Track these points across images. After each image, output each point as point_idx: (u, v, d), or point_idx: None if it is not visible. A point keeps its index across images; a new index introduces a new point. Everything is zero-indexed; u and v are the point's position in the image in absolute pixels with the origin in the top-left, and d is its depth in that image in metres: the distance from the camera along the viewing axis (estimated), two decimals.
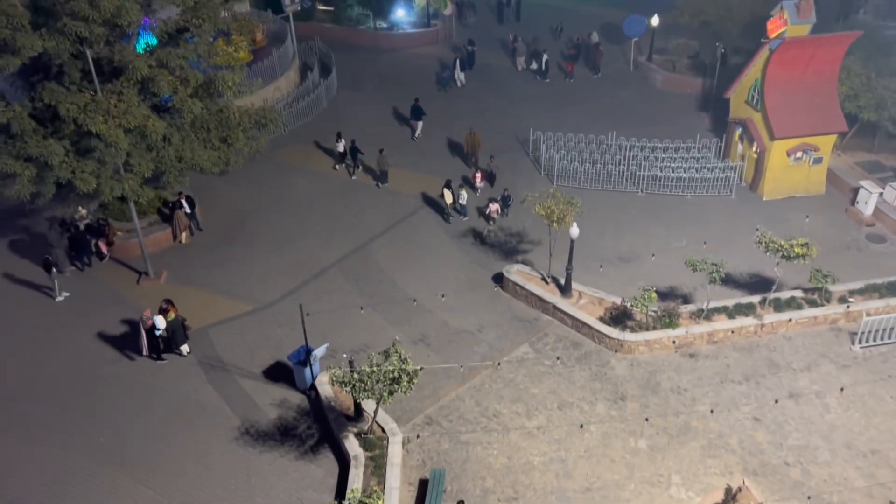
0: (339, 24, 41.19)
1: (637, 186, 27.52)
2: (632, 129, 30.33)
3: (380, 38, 40.61)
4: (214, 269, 24.10)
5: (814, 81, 25.93)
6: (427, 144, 30.97)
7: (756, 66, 26.55)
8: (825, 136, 26.50)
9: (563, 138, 29.47)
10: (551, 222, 21.04)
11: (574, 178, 27.75)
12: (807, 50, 25.38)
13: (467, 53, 37.10)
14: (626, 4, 41.05)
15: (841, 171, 28.09)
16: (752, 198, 27.43)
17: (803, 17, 25.57)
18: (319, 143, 31.23)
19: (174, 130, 22.28)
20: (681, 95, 34.44)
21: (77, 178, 20.17)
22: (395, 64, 38.31)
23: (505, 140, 31.06)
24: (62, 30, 19.94)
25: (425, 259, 24.51)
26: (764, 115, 26.32)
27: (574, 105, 33.99)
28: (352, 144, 28.71)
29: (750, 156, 27.65)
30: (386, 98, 34.81)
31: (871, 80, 27.11)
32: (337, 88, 35.63)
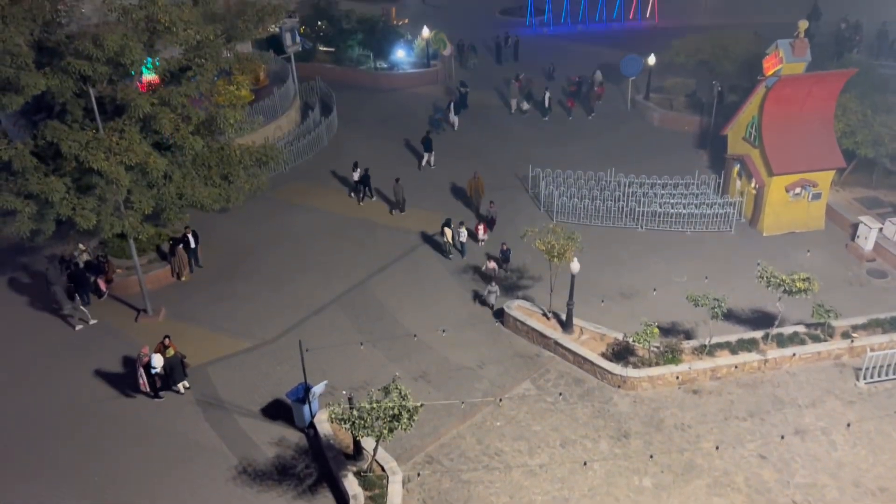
0: (340, 65, 41.72)
1: (637, 222, 27.56)
2: (630, 165, 30.50)
3: (380, 78, 41.11)
4: (213, 306, 23.97)
5: (811, 118, 26.16)
6: (426, 182, 31.09)
7: (753, 104, 26.81)
8: (823, 172, 26.63)
9: (563, 175, 29.61)
10: (552, 257, 21.00)
11: (574, 215, 27.80)
12: (803, 87, 25.66)
13: (460, 95, 37.18)
14: (622, 44, 41.80)
15: (840, 206, 28.17)
16: (751, 233, 27.45)
17: (798, 56, 25.89)
18: (320, 179, 31.41)
19: (175, 167, 22.40)
20: (678, 133, 34.72)
21: (77, 214, 20.18)
22: (396, 103, 38.70)
23: (504, 177, 31.22)
24: (66, 68, 20.16)
25: (425, 295, 24.41)
26: (762, 152, 26.49)
27: (572, 142, 34.24)
28: (365, 173, 29.62)
29: (749, 192, 27.76)
30: (386, 136, 35.10)
31: (868, 117, 27.35)
32: (338, 127, 35.95)
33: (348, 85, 40.17)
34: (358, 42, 41.13)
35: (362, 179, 29.65)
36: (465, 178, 30.83)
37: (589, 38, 47.30)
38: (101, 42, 19.45)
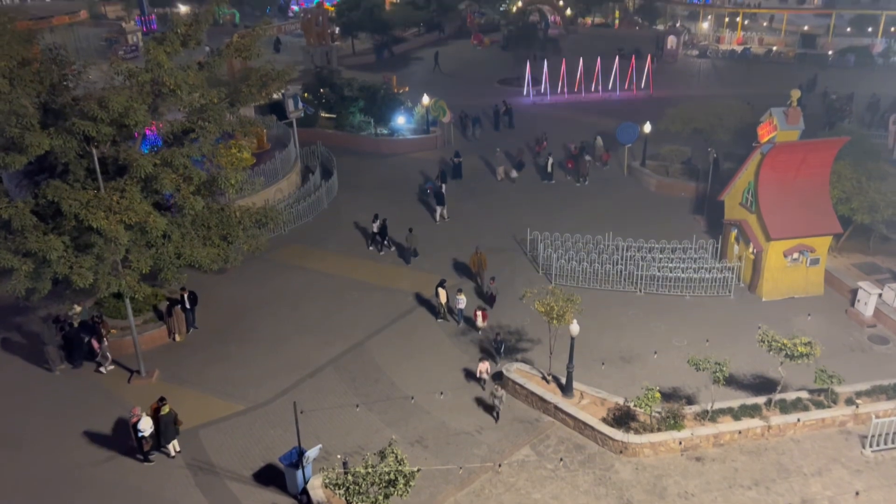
0: (341, 130, 42.47)
1: (635, 286, 27.50)
2: (628, 230, 30.66)
3: (381, 144, 41.75)
4: (207, 368, 23.62)
5: (806, 184, 26.44)
6: (424, 244, 31.15)
7: (749, 170, 27.15)
8: (821, 238, 26.72)
9: (561, 238, 29.71)
10: (551, 319, 20.83)
11: (572, 278, 27.76)
12: (798, 154, 26.03)
13: (454, 165, 37.33)
14: (618, 114, 42.65)
15: (838, 272, 28.17)
16: (751, 298, 27.36)
17: (792, 124, 26.37)
18: (319, 241, 31.51)
19: (175, 227, 22.44)
20: (675, 199, 35.05)
21: (74, 273, 20.08)
22: (396, 168, 39.18)
23: (502, 240, 31.34)
24: (70, 129, 20.44)
25: (423, 357, 24.11)
26: (759, 217, 26.66)
27: (570, 207, 34.51)
28: (383, 224, 30.56)
29: (747, 257, 27.81)
30: (386, 200, 35.36)
31: (863, 184, 27.66)
32: (338, 190, 36.28)
33: (349, 150, 40.77)
34: (359, 109, 41.95)
35: (381, 231, 30.57)
36: (464, 242, 31.01)
37: (585, 107, 48.34)
38: (106, 103, 19.77)
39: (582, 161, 37.47)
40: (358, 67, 56.30)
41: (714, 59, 60.55)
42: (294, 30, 70.46)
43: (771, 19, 71.23)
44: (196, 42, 22.49)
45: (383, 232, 30.67)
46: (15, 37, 24.22)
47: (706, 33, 66.89)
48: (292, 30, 71.12)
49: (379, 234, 30.63)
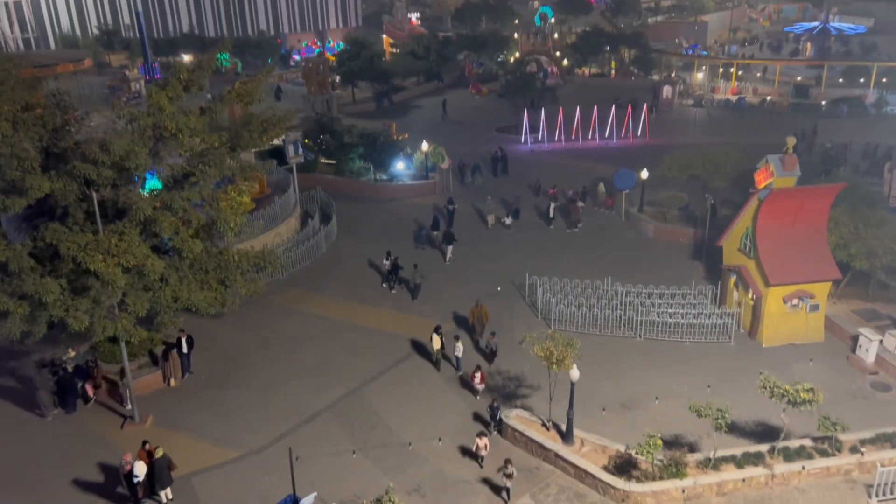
0: (341, 176, 42.78)
1: (635, 331, 27.33)
2: (627, 275, 30.63)
3: (380, 189, 42.01)
4: (202, 414, 23.27)
5: (804, 230, 26.52)
6: (424, 288, 31.07)
7: (746, 215, 27.26)
8: (820, 284, 26.68)
9: (560, 283, 29.64)
10: (550, 364, 20.62)
11: (571, 323, 27.59)
12: (795, 200, 26.17)
13: (448, 212, 37.03)
14: (615, 160, 43.00)
15: (838, 318, 28.05)
16: (751, 344, 27.17)
17: (788, 170, 26.59)
18: (317, 286, 31.42)
19: (172, 271, 22.36)
20: (673, 244, 35.10)
21: (70, 316, 19.91)
22: (394, 213, 39.32)
23: (501, 285, 31.25)
24: (71, 172, 20.53)
25: (421, 403, 23.79)
26: (757, 263, 26.66)
27: (568, 252, 34.53)
28: (395, 261, 31.09)
29: (746, 303, 27.72)
30: (384, 244, 35.31)
31: (860, 230, 27.74)
32: (336, 235, 36.33)
33: (348, 195, 40.99)
34: (359, 155, 42.32)
35: (393, 268, 31.15)
36: (463, 286, 30.93)
37: (583, 155, 48.82)
38: (107, 147, 19.91)
39: (574, 208, 37.56)
40: (358, 115, 57.02)
41: (709, 109, 61.43)
42: (295, 78, 71.56)
43: (764, 70, 72.52)
44: (198, 87, 22.76)
45: (395, 269, 31.19)
46: (19, 82, 24.49)
47: (701, 83, 67.99)
48: (293, 78, 72.23)
49: (391, 271, 31.20)
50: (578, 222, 37.38)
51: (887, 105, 57.57)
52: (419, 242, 35.31)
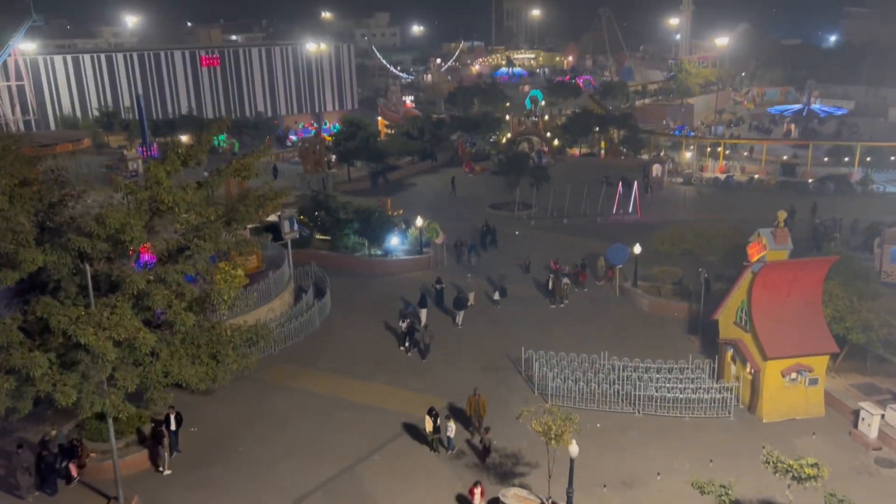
0: (335, 251, 42.88)
1: (633, 407, 26.89)
2: (623, 349, 30.38)
3: (374, 265, 42.08)
4: (189, 494, 22.51)
5: (799, 303, 26.52)
6: (415, 366, 30.69)
7: (741, 289, 27.30)
8: (818, 357, 26.50)
9: (556, 357, 29.34)
10: (549, 440, 20.16)
11: (569, 398, 27.15)
12: (789, 273, 26.29)
13: (436, 292, 36.47)
14: (607, 236, 43.33)
15: (838, 393, 27.72)
16: (751, 419, 26.72)
17: (780, 244, 26.85)
18: (310, 361, 31.04)
19: (163, 345, 22.09)
20: (668, 319, 34.98)
21: (58, 390, 19.50)
22: (389, 287, 39.23)
23: (496, 359, 30.96)
24: (65, 245, 20.52)
25: (414, 482, 23.09)
26: (754, 336, 26.53)
27: (564, 327, 34.33)
28: (410, 324, 32.01)
29: (744, 377, 27.42)
30: (378, 319, 35.22)
31: (855, 304, 27.76)
32: (330, 310, 36.13)
33: (343, 270, 41.01)
34: (354, 230, 42.57)
35: (409, 331, 31.90)
36: (458, 361, 30.58)
37: (575, 230, 49.23)
38: (103, 219, 19.99)
39: (558, 283, 37.28)
40: (353, 193, 57.65)
41: (699, 187, 62.45)
42: (292, 157, 72.72)
43: (751, 150, 74.14)
44: (196, 162, 23.07)
45: (411, 332, 31.89)
46: (18, 158, 24.81)
47: (689, 162, 69.34)
48: (290, 157, 73.39)
49: (407, 333, 31.92)
50: (564, 298, 37.16)
51: (873, 183, 58.68)
52: (404, 320, 34.96)
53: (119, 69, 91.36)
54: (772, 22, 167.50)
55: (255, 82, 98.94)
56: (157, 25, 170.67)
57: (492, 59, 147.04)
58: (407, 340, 31.94)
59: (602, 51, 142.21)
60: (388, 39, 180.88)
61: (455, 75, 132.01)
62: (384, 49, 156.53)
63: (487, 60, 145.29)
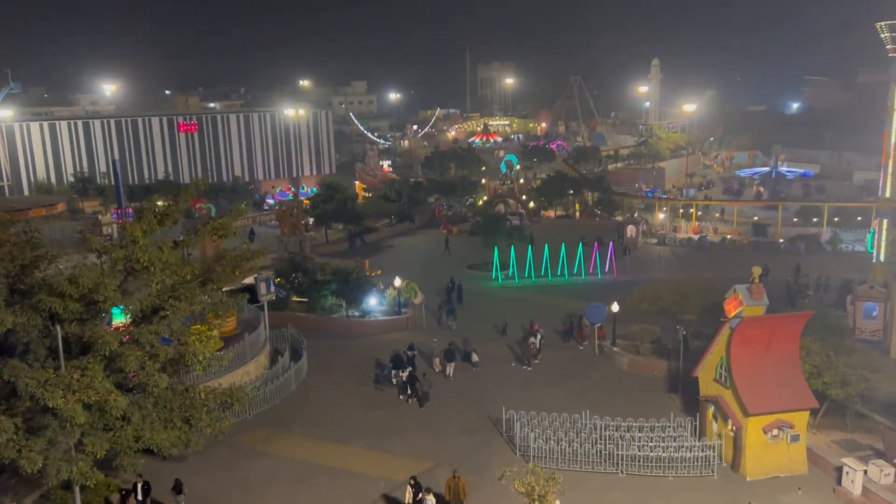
0: (313, 313, 42.50)
1: (616, 467, 26.47)
2: (604, 409, 30.05)
3: (352, 326, 41.70)
4: None
5: (777, 359, 26.61)
6: (394, 428, 30.09)
7: (720, 344, 27.37)
8: (798, 413, 26.44)
9: (537, 417, 28.95)
10: (532, 501, 19.69)
11: (551, 459, 26.67)
12: (766, 328, 26.46)
13: (408, 358, 35.04)
14: (585, 296, 43.43)
15: (820, 449, 27.58)
16: (735, 478, 26.40)
17: (756, 299, 27.07)
18: (286, 425, 30.32)
19: (135, 408, 21.47)
20: (648, 377, 34.86)
21: (23, 457, 18.74)
22: (367, 349, 38.76)
23: (476, 420, 30.47)
24: (36, 306, 20.08)
25: None
26: (734, 392, 26.47)
27: (544, 387, 33.99)
28: (411, 374, 32.82)
29: (727, 434, 27.21)
30: (357, 381, 34.67)
31: (832, 359, 27.93)
32: (307, 372, 35.53)
33: (321, 332, 40.56)
34: (331, 291, 42.33)
35: (409, 380, 32.70)
36: (436, 425, 30.04)
37: (553, 290, 49.41)
38: (76, 279, 19.65)
39: (526, 345, 36.83)
40: (331, 255, 57.50)
41: (673, 247, 63.33)
42: (269, 221, 72.76)
43: (722, 211, 75.68)
44: (173, 221, 22.94)
45: (412, 381, 32.62)
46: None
47: (663, 223, 70.47)
48: (267, 220, 73.44)
49: (407, 382, 32.65)
50: (533, 358, 36.58)
51: (841, 242, 59.91)
52: (379, 383, 34.43)
53: (95, 136, 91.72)
54: (737, 89, 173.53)
55: (233, 148, 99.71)
56: (136, 93, 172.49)
57: (467, 125, 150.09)
58: (408, 389, 32.63)
59: (574, 117, 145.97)
60: (365, 107, 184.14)
61: (431, 141, 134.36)
62: (361, 116, 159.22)
63: (463, 127, 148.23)
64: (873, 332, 37.26)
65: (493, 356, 37.35)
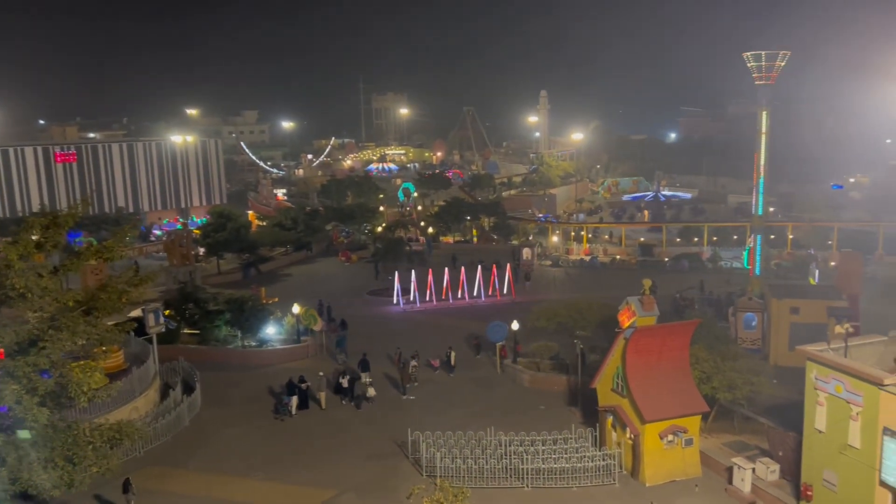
0: (206, 344, 40.77)
1: (522, 481, 26.65)
2: (509, 425, 30.36)
3: (249, 356, 40.26)
4: None
5: (670, 366, 27.73)
6: (300, 456, 29.11)
7: (616, 355, 28.24)
8: (691, 418, 27.58)
9: (443, 436, 28.79)
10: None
11: (458, 477, 26.51)
12: (657, 337, 27.56)
13: (299, 391, 33.78)
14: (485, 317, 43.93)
15: (712, 452, 28.81)
16: (635, 485, 27.14)
17: (647, 310, 28.17)
18: (180, 461, 28.73)
19: (11, 448, 19.74)
20: (549, 392, 35.50)
21: None
22: (265, 379, 37.48)
23: (382, 445, 29.97)
24: None
25: None
26: (631, 401, 27.32)
27: (449, 408, 33.92)
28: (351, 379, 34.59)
29: (625, 442, 27.99)
30: (256, 412, 33.41)
31: (719, 364, 29.40)
32: (201, 406, 33.94)
33: (215, 364, 38.94)
34: (225, 321, 40.75)
35: (350, 384, 34.50)
36: (340, 451, 29.31)
37: (454, 313, 49.72)
38: None
39: (405, 371, 35.99)
40: (224, 286, 55.50)
41: (566, 268, 65.28)
42: (156, 252, 69.62)
43: (611, 234, 78.87)
44: (53, 245, 21.45)
45: (352, 385, 34.52)
46: None
47: (556, 246, 72.61)
48: (154, 251, 70.25)
49: (350, 387, 34.34)
50: (407, 385, 35.77)
51: (721, 259, 63.65)
52: (279, 413, 33.33)
53: None
54: (620, 120, 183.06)
55: (116, 178, 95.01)
56: (7, 124, 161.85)
57: (363, 154, 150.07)
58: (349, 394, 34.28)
59: (468, 146, 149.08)
60: (257, 136, 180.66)
61: (327, 170, 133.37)
62: (254, 146, 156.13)
63: (359, 156, 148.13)
64: (753, 341, 39.63)
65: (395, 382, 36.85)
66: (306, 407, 33.89)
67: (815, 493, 23.87)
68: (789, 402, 29.99)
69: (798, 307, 37.88)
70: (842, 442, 22.39)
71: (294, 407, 33.33)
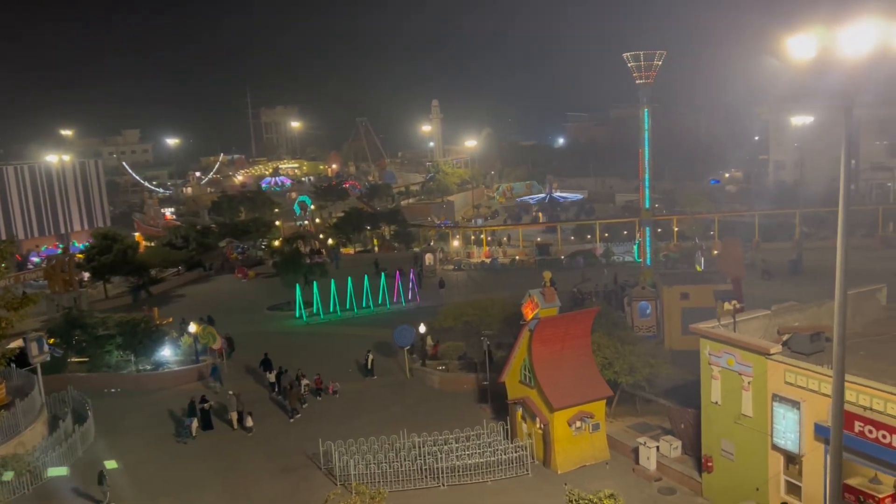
0: (97, 371, 38.49)
1: (437, 480, 26.61)
2: (421, 427, 30.23)
3: (143, 380, 38.31)
4: None
5: (573, 354, 28.50)
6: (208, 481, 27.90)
7: (522, 347, 28.74)
8: (596, 403, 28.42)
9: (356, 443, 28.35)
10: None
11: (373, 483, 26.08)
12: (560, 327, 28.26)
13: (201, 412, 32.53)
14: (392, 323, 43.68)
15: (617, 434, 29.77)
16: (547, 473, 27.65)
17: (549, 302, 28.84)
18: (75, 496, 26.90)
19: None
20: (459, 392, 35.70)
21: None
22: (163, 403, 35.72)
23: (292, 458, 29.20)
24: None
25: None
26: (539, 391, 27.87)
27: (361, 416, 33.52)
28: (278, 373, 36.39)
29: (536, 432, 28.49)
30: (156, 436, 31.80)
31: (619, 349, 30.48)
32: (94, 436, 31.98)
33: (108, 392, 36.95)
34: (116, 346, 38.63)
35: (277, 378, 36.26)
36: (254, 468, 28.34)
37: (360, 322, 49.23)
38: None
39: (291, 394, 34.04)
40: (113, 311, 52.49)
41: (468, 271, 66.03)
42: (35, 279, 65.24)
43: (509, 237, 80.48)
44: None
45: (279, 380, 35.93)
46: None
47: (458, 250, 73.35)
48: (33, 279, 65.80)
49: (277, 381, 35.89)
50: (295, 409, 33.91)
51: (613, 255, 66.22)
52: (181, 436, 31.96)
53: None
54: (510, 126, 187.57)
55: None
56: None
57: (255, 169, 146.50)
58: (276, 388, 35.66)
59: (363, 158, 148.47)
60: (140, 156, 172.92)
61: (217, 187, 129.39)
62: (137, 166, 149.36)
63: (251, 171, 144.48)
64: (649, 328, 41.30)
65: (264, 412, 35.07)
66: (210, 427, 32.61)
67: (715, 463, 25.07)
68: (686, 382, 31.41)
69: (688, 293, 39.77)
70: (736, 412, 23.64)
71: (195, 429, 32.01)
